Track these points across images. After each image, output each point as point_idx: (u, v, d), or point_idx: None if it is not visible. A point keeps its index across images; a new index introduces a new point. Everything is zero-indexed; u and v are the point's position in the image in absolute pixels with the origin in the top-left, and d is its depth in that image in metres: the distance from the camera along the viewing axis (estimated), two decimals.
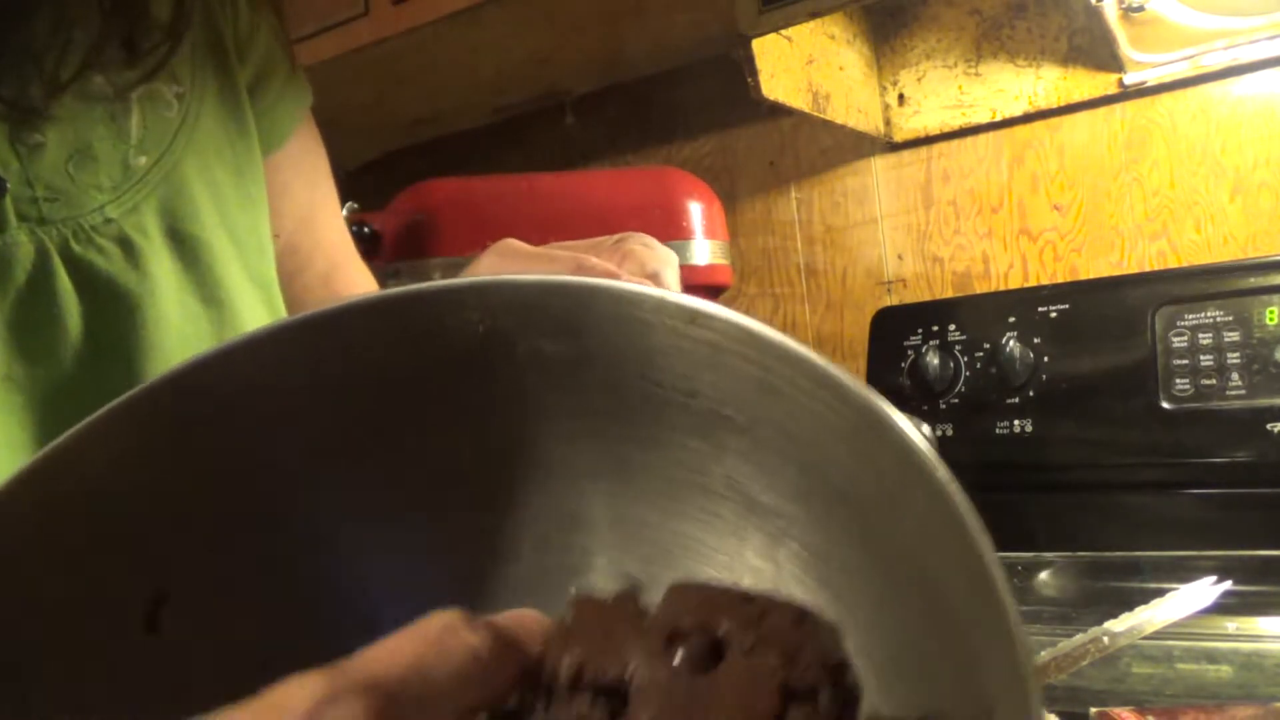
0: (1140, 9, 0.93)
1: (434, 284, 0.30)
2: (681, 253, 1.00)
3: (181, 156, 0.47)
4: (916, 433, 0.23)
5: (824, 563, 0.28)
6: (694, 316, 0.27)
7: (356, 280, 0.65)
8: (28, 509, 0.29)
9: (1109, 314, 0.88)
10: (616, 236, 0.45)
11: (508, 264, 0.43)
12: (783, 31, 0.92)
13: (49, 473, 0.29)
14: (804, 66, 1.00)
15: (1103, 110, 1.04)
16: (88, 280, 0.44)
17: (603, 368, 0.29)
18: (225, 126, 0.50)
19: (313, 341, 0.30)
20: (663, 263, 0.43)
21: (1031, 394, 0.89)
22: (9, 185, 0.42)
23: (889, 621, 0.27)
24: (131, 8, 0.44)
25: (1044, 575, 0.79)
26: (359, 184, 1.33)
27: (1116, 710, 0.48)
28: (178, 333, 0.46)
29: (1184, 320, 0.84)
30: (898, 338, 0.99)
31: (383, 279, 0.99)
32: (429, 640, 0.21)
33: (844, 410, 0.25)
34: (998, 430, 0.90)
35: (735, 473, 0.30)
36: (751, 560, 0.30)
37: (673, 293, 0.28)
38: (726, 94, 1.15)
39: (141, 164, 0.45)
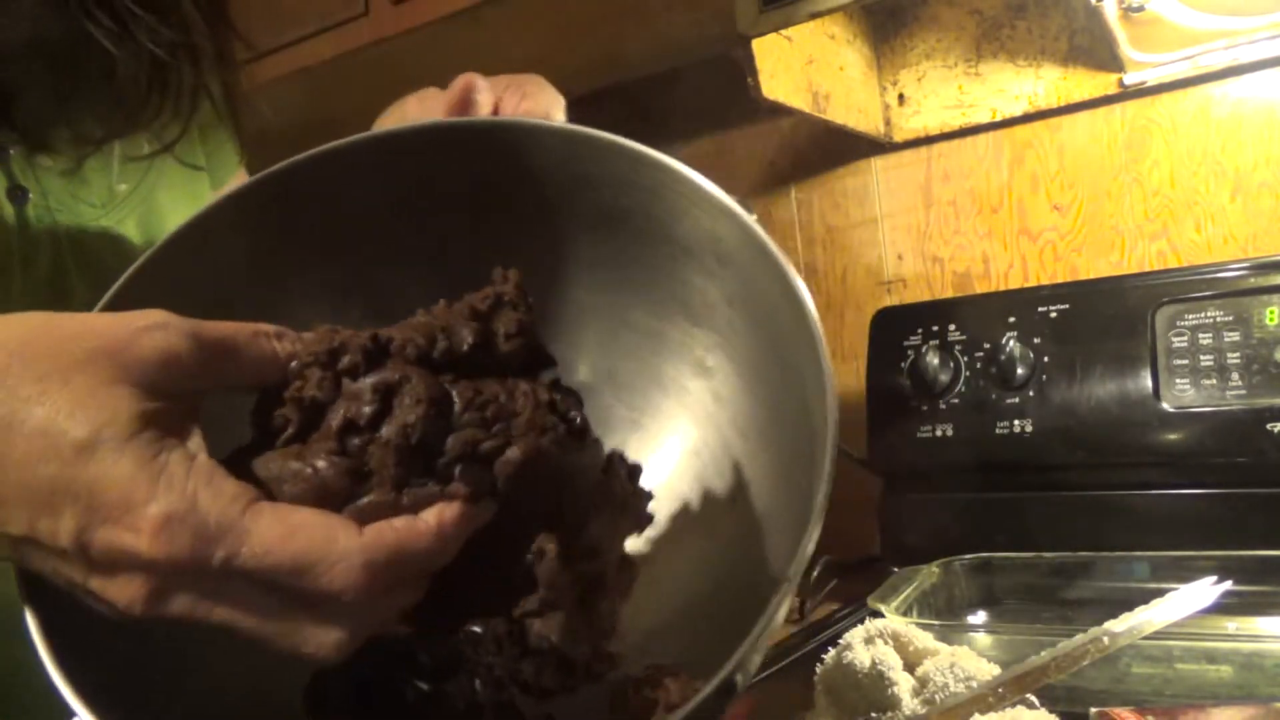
0: (1140, 9, 0.93)
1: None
2: None
3: (153, 186, 0.61)
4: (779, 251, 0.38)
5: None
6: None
7: None
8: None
9: (1109, 314, 0.88)
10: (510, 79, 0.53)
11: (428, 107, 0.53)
12: (783, 31, 0.92)
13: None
14: (804, 66, 1.00)
15: (1103, 110, 1.04)
16: (91, 268, 0.56)
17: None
18: (184, 163, 0.63)
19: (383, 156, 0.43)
20: (553, 103, 0.53)
21: (1031, 394, 0.89)
22: (31, 195, 0.54)
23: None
24: (159, 106, 0.56)
25: (1044, 575, 0.79)
26: None
27: (1116, 710, 0.48)
28: None
29: (1184, 320, 0.84)
30: (898, 338, 0.98)
31: None
32: (254, 327, 0.34)
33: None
34: (998, 430, 0.90)
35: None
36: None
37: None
38: (726, 94, 1.15)
39: (122, 190, 0.59)
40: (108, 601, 0.30)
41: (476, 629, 0.36)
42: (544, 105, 0.51)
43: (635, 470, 0.41)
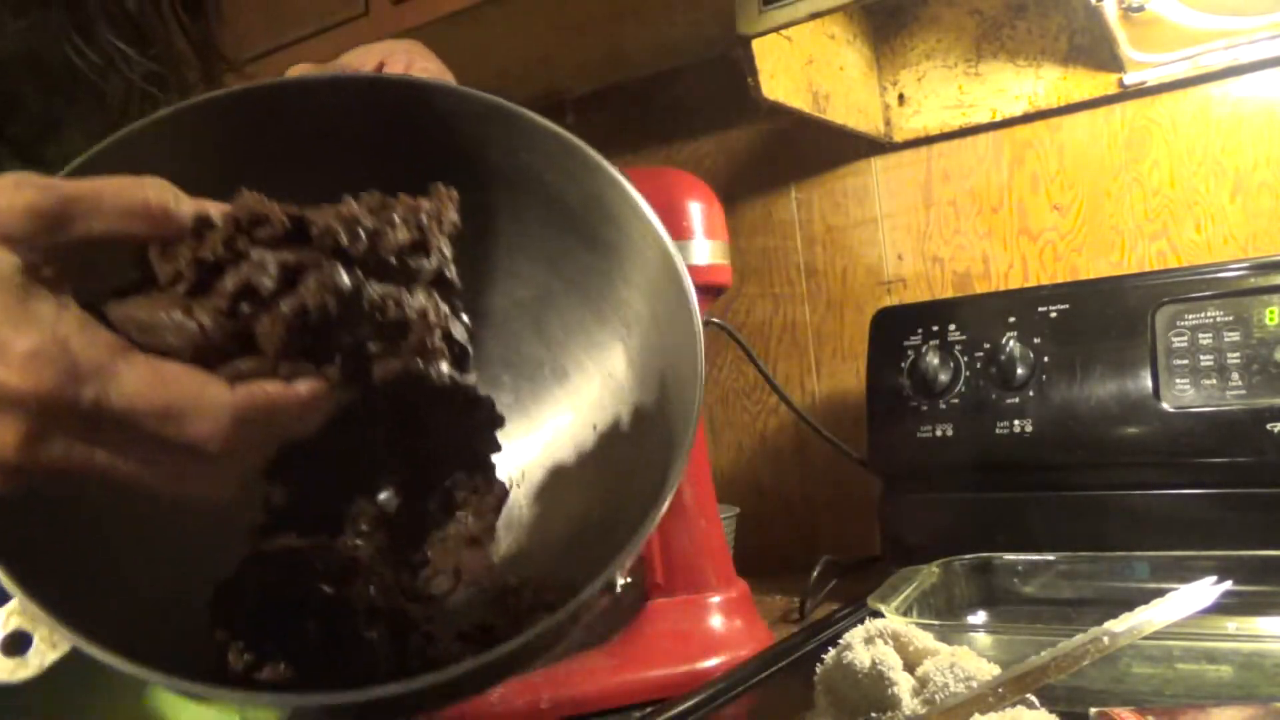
0: (1140, 9, 0.93)
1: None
2: (682, 253, 1.00)
3: None
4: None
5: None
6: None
7: None
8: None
9: (1109, 314, 0.88)
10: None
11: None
12: (783, 31, 0.92)
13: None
14: (804, 66, 1.00)
15: (1103, 110, 1.04)
16: None
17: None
18: None
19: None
20: (444, 70, 0.53)
21: (1031, 394, 0.89)
22: None
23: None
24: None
25: (1044, 575, 0.79)
26: None
27: (1116, 710, 0.48)
28: None
29: (1184, 320, 0.84)
30: (898, 338, 0.99)
31: None
32: (135, 181, 0.33)
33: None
34: (998, 430, 0.90)
35: None
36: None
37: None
38: (726, 94, 1.15)
39: None
40: None
41: (358, 542, 0.39)
42: (436, 70, 0.52)
43: (497, 419, 0.44)
